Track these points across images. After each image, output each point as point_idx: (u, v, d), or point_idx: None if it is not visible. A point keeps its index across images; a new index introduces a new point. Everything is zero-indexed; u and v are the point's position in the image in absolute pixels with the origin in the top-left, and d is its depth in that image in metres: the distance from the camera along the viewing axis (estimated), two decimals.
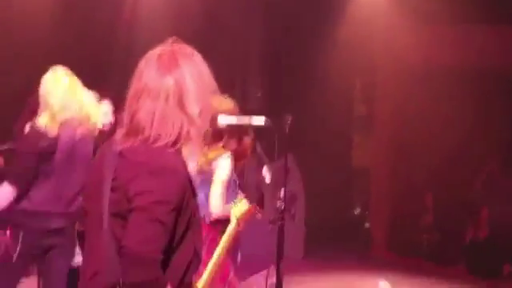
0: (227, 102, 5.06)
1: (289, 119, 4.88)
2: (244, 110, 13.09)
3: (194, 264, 2.70)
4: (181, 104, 2.68)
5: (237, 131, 5.07)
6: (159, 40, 2.98)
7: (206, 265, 4.05)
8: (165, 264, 2.52)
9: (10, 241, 4.72)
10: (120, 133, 2.74)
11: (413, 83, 11.05)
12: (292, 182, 10.67)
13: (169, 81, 2.69)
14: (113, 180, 2.62)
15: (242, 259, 8.91)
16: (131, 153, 2.64)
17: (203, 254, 3.23)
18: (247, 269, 7.74)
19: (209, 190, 4.79)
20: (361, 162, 13.37)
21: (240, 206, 3.66)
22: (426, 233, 11.15)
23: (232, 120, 4.89)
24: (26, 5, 9.86)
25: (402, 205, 11.67)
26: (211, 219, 4.68)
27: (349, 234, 12.09)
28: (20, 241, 4.67)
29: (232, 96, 13.26)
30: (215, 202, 4.73)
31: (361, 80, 13.14)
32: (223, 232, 4.47)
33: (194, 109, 2.70)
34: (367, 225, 12.66)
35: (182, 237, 2.63)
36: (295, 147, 11.29)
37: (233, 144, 5.07)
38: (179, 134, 2.66)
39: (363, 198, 13.22)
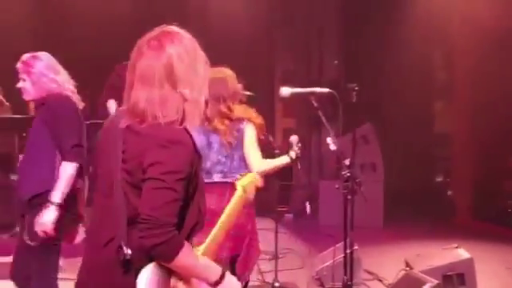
0: (222, 71, 5.10)
1: (354, 88, 4.89)
2: (321, 79, 13.17)
3: (200, 224, 2.94)
4: (175, 86, 2.83)
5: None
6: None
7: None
8: (178, 226, 2.76)
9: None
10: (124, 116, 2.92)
11: (491, 47, 10.81)
12: (370, 152, 10.62)
13: (159, 66, 2.83)
14: (123, 152, 2.83)
15: (324, 230, 8.95)
16: (139, 127, 2.83)
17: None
18: (327, 240, 7.80)
19: (241, 153, 4.96)
20: (442, 129, 13.19)
21: (246, 177, 3.75)
22: (510, 199, 10.92)
23: (295, 90, 5.03)
24: None
25: (485, 170, 11.47)
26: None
27: (431, 201, 11.96)
28: None
29: (309, 65, 13.34)
30: (260, 162, 4.94)
31: (439, 47, 12.92)
32: None
33: (186, 87, 2.85)
34: (450, 192, 12.49)
35: (190, 200, 2.87)
36: (375, 116, 11.30)
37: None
38: (183, 114, 2.86)
39: (445, 165, 13.03)
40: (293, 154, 5.04)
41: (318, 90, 4.94)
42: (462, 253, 6.82)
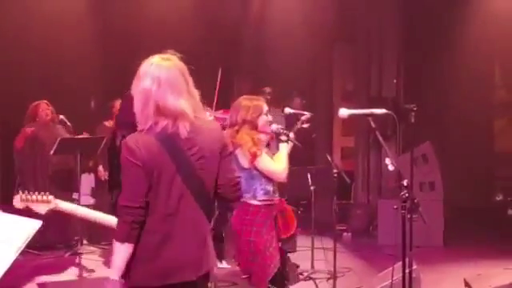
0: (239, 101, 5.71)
1: (413, 108, 4.95)
2: (380, 98, 13.17)
3: None
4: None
5: None
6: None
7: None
8: None
9: None
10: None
11: None
12: (429, 170, 10.56)
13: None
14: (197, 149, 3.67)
15: (383, 250, 8.99)
16: (198, 127, 3.68)
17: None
18: (386, 260, 7.81)
19: (244, 175, 5.39)
20: (503, 148, 13.07)
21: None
22: None
23: (353, 112, 5.21)
24: None
25: None
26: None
27: (491, 221, 11.83)
28: None
29: (367, 83, 13.31)
30: (277, 164, 5.56)
31: (500, 66, 12.82)
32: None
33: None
34: (510, 212, 12.34)
35: None
36: (435, 135, 11.25)
37: None
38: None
39: (506, 184, 12.89)
40: (283, 137, 5.57)
41: (375, 111, 5.04)
42: None
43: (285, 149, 5.53)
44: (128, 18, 11.53)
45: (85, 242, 9.76)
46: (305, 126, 5.94)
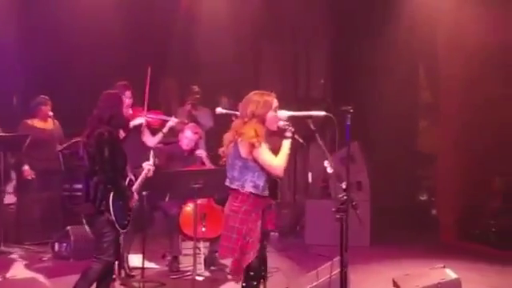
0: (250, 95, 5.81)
1: (349, 110, 5.04)
2: (307, 98, 13.23)
3: None
4: None
5: None
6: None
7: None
8: None
9: None
10: None
11: (477, 68, 10.89)
12: (357, 170, 10.65)
13: None
14: None
15: (308, 250, 9.03)
16: None
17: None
18: (313, 260, 7.82)
19: (242, 164, 5.60)
20: (427, 148, 13.27)
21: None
22: (493, 219, 10.98)
23: (292, 113, 5.59)
24: None
25: (469, 190, 11.52)
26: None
27: (415, 220, 12.02)
28: None
29: (296, 83, 13.39)
30: (277, 161, 5.62)
31: (425, 66, 13.03)
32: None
33: None
34: (434, 211, 12.55)
35: None
36: (359, 135, 11.36)
37: None
38: None
39: (429, 184, 13.10)
40: (288, 133, 5.65)
41: (314, 113, 5.19)
42: (450, 273, 6.86)
43: (287, 145, 5.66)
44: (56, 16, 11.27)
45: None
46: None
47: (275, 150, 5.63)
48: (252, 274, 5.56)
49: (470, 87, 11.11)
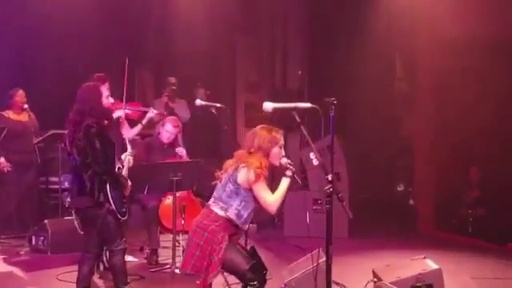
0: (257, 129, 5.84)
1: (333, 102, 5.04)
2: (285, 89, 13.20)
3: None
4: None
5: None
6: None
7: None
8: None
9: None
10: None
11: (454, 58, 10.92)
12: (335, 161, 10.64)
13: None
14: None
15: (289, 241, 9.02)
16: None
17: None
18: (293, 251, 7.80)
19: (234, 188, 5.58)
20: (404, 139, 13.31)
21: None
22: (471, 208, 11.04)
23: (277, 105, 5.51)
24: None
25: (447, 180, 11.59)
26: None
27: (393, 211, 12.06)
28: None
29: (272, 74, 13.37)
30: (273, 198, 5.61)
31: (402, 57, 13.06)
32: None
33: None
34: (411, 202, 12.60)
35: None
36: (337, 126, 11.34)
37: None
38: None
39: (407, 174, 13.14)
40: (289, 172, 5.64)
41: (300, 105, 5.17)
42: (430, 263, 6.86)
43: (286, 184, 5.68)
44: (31, 7, 11.12)
45: None
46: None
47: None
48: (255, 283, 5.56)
49: (447, 78, 11.15)
